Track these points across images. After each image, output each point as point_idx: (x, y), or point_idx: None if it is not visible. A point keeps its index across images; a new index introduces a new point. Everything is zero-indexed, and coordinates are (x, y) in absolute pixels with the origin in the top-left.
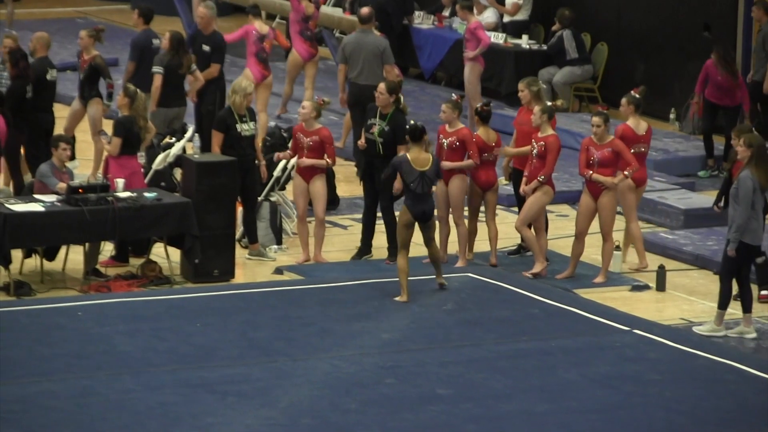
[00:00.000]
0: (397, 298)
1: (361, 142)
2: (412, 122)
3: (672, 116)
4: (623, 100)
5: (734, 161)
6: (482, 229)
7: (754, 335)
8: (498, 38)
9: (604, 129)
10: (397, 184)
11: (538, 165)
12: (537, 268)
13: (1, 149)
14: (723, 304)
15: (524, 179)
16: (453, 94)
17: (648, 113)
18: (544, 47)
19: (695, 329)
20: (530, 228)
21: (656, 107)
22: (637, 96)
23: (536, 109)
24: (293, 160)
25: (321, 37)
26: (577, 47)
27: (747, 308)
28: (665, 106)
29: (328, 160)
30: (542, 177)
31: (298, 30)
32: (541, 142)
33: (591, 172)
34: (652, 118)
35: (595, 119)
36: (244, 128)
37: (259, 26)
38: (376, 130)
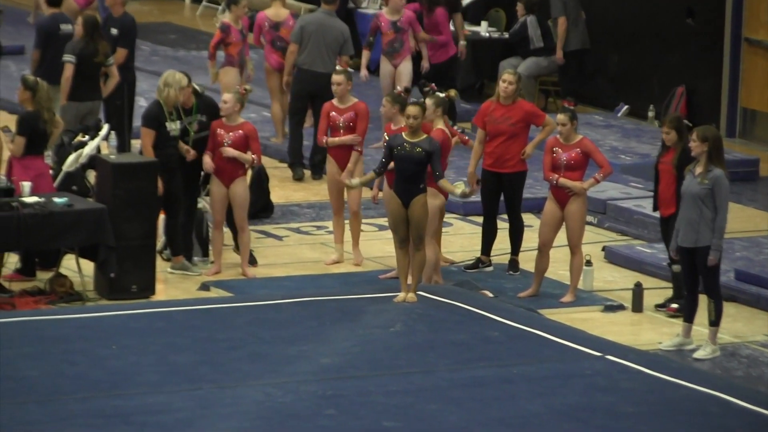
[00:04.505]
0: (396, 299)
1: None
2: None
3: (650, 114)
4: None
5: (661, 154)
6: None
7: (693, 346)
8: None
9: (571, 127)
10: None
11: None
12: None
13: None
14: (719, 320)
15: None
16: (398, 86)
17: None
18: (506, 35)
19: (695, 354)
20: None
21: (632, 104)
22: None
23: (428, 102)
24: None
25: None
26: (543, 35)
27: (691, 317)
28: (642, 102)
29: (253, 156)
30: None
31: (269, 39)
32: None
33: (557, 175)
34: (628, 115)
35: (561, 117)
36: (172, 127)
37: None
38: (191, 128)
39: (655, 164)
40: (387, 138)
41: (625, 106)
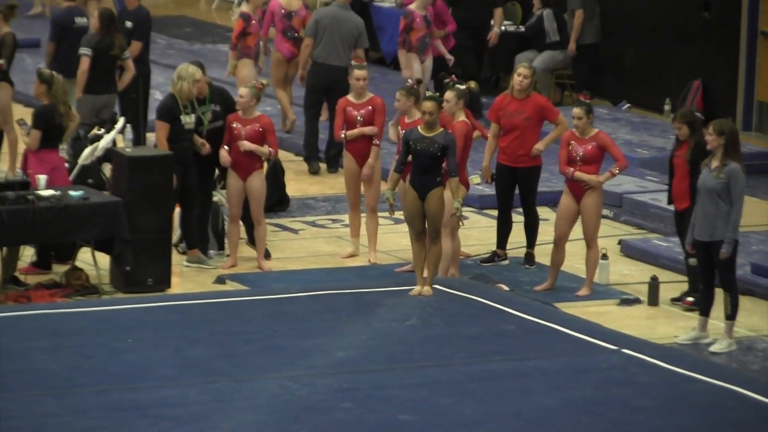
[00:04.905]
0: (411, 293)
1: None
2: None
3: (666, 107)
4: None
5: (675, 148)
6: None
7: (709, 339)
8: None
9: (587, 121)
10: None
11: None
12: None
13: None
14: (735, 314)
15: None
16: (408, 80)
17: (639, 104)
18: (522, 29)
19: (711, 348)
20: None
21: (648, 97)
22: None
23: (450, 94)
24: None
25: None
26: (559, 29)
27: (707, 311)
28: (658, 96)
29: (270, 149)
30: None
31: (281, 28)
32: (450, 130)
33: (573, 169)
34: (644, 109)
35: (576, 110)
36: (187, 120)
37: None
38: (205, 118)
39: (670, 158)
40: (401, 131)
41: (627, 104)
